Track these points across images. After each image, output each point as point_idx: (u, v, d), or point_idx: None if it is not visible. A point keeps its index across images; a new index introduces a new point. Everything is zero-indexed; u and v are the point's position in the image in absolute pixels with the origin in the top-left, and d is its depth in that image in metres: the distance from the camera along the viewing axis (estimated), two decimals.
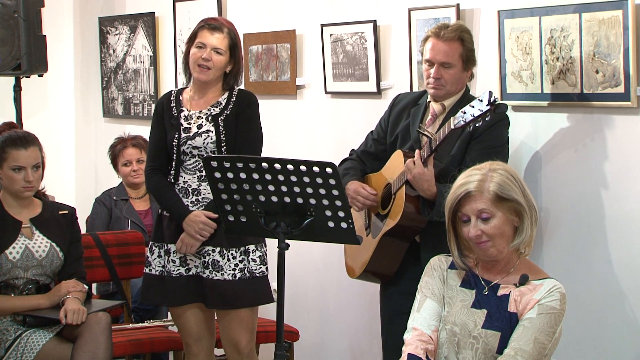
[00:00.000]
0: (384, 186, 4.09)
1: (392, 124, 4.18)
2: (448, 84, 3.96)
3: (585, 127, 3.93)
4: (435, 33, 3.96)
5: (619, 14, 3.71)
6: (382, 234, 4.01)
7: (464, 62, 3.95)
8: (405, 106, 4.16)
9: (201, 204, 4.12)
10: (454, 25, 4.00)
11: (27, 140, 4.27)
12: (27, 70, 5.76)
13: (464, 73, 3.98)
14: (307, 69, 5.29)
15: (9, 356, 4.09)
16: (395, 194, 3.98)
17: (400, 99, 4.24)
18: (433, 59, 3.95)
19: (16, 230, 4.25)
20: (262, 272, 4.15)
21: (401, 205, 3.90)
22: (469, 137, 3.86)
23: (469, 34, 3.99)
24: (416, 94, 4.21)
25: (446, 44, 3.93)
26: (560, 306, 3.14)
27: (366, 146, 4.29)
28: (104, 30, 6.81)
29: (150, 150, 4.28)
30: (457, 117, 3.64)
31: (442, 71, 3.94)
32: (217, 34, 4.14)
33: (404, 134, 4.10)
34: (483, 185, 3.16)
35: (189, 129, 4.15)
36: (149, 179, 4.24)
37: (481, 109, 3.56)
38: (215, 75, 4.16)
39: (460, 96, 4.00)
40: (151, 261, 4.21)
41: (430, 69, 3.97)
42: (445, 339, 3.22)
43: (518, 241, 3.18)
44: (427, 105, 4.07)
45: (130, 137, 5.73)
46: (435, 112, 4.01)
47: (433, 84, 3.97)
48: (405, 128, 4.10)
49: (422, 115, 4.06)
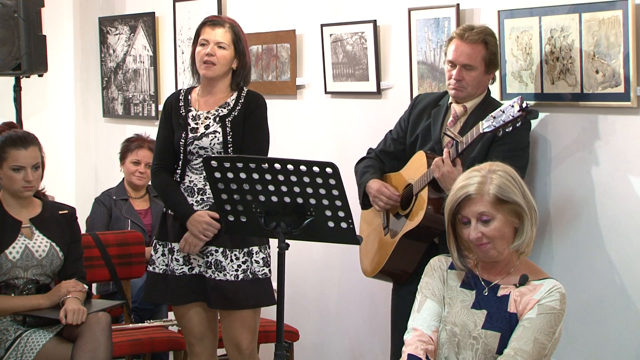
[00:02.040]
0: (405, 187, 4.08)
1: (412, 124, 4.18)
2: (469, 86, 3.95)
3: (585, 127, 3.93)
4: (459, 35, 3.95)
5: (619, 14, 3.71)
6: (401, 234, 4.01)
7: (486, 65, 3.95)
8: (426, 107, 4.15)
9: (206, 204, 4.12)
10: (479, 27, 3.98)
11: (27, 140, 4.27)
12: (27, 70, 5.76)
13: (486, 76, 3.98)
14: (307, 69, 5.29)
15: (9, 356, 4.09)
16: (417, 195, 3.97)
17: (420, 99, 4.24)
18: (455, 61, 3.95)
19: (16, 230, 4.25)
20: (264, 273, 4.15)
21: (423, 206, 3.89)
22: (490, 140, 3.85)
23: (493, 37, 3.98)
24: (437, 95, 4.20)
25: (469, 46, 3.92)
26: (560, 306, 3.14)
27: (385, 145, 4.28)
28: (104, 30, 6.81)
29: (158, 148, 4.27)
30: (487, 121, 3.63)
31: (464, 73, 3.94)
32: (219, 29, 4.14)
33: (424, 135, 4.10)
34: (483, 187, 3.15)
35: (197, 129, 4.15)
36: (155, 177, 4.23)
37: (512, 114, 3.56)
38: (221, 71, 4.15)
39: (482, 99, 3.99)
40: (155, 259, 4.21)
41: (452, 70, 3.97)
42: (445, 340, 3.22)
43: (518, 242, 3.18)
44: (448, 106, 4.06)
45: (149, 140, 5.70)
46: (457, 113, 4.01)
47: (454, 85, 3.97)
48: (426, 129, 4.10)
49: (444, 116, 4.06)
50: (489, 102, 3.99)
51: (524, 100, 3.56)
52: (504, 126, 3.59)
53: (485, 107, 3.93)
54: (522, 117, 3.56)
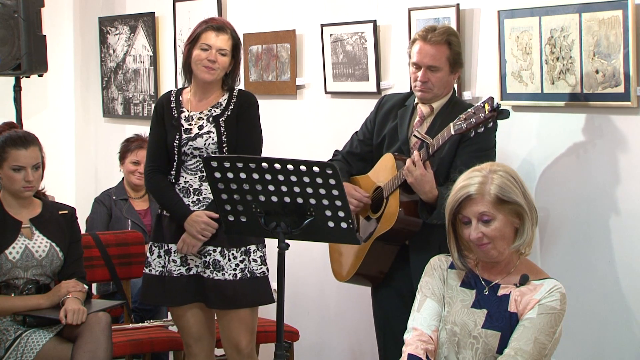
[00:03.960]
0: (374, 190, 4.07)
1: (378, 125, 4.16)
2: (435, 87, 3.95)
3: (585, 127, 3.93)
4: (422, 36, 3.95)
5: (619, 14, 3.71)
6: (374, 238, 4.00)
7: (451, 65, 3.94)
8: (392, 107, 4.14)
9: (202, 204, 4.12)
10: (442, 28, 3.97)
11: (27, 140, 4.27)
12: (27, 70, 5.76)
13: (451, 76, 3.98)
14: (307, 69, 5.29)
15: (9, 356, 4.09)
16: (387, 198, 3.96)
17: (386, 100, 4.22)
18: (420, 62, 3.94)
19: (16, 230, 4.25)
20: (262, 272, 4.15)
21: (395, 210, 3.88)
22: (458, 140, 3.83)
23: (456, 37, 3.98)
24: (403, 95, 4.18)
25: (433, 47, 3.92)
26: (560, 306, 3.14)
27: (351, 147, 4.26)
28: (104, 30, 6.81)
29: (150, 150, 4.27)
30: (457, 122, 3.62)
31: (429, 74, 3.93)
32: (222, 36, 4.14)
33: (391, 136, 4.08)
34: (484, 187, 3.15)
35: (190, 129, 4.15)
36: (149, 179, 4.22)
37: (484, 115, 3.56)
38: (219, 76, 4.16)
39: (448, 98, 4.00)
40: (151, 261, 4.21)
41: (417, 72, 3.96)
42: (445, 339, 3.22)
43: (519, 242, 3.18)
44: (414, 106, 4.06)
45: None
46: (424, 113, 4.00)
47: (420, 87, 3.96)
48: (393, 130, 4.08)
49: (410, 117, 4.05)
50: (455, 101, 3.99)
51: (495, 100, 3.56)
52: (475, 126, 3.59)
53: (451, 107, 3.94)
54: (493, 117, 3.55)
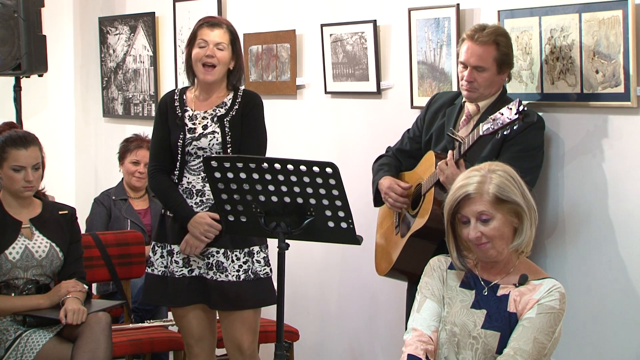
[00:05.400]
0: (416, 185, 4.10)
1: (427, 122, 4.19)
2: (481, 87, 3.95)
3: (585, 127, 3.93)
4: (470, 36, 3.94)
5: (619, 14, 3.71)
6: (410, 234, 4.02)
7: (498, 65, 3.92)
8: (442, 105, 4.16)
9: (205, 205, 4.11)
10: (490, 28, 3.95)
11: (27, 140, 4.27)
12: (27, 70, 5.76)
13: (498, 76, 3.95)
14: (307, 69, 5.29)
15: (9, 356, 4.09)
16: (424, 195, 3.98)
17: (437, 98, 4.25)
18: (467, 62, 3.94)
19: (16, 230, 4.25)
20: (266, 273, 4.15)
21: (429, 207, 3.90)
22: (502, 140, 3.83)
23: (505, 37, 3.95)
24: (453, 94, 4.20)
25: (480, 47, 3.90)
26: (559, 306, 3.14)
27: (402, 144, 4.30)
28: (104, 30, 6.81)
29: (154, 149, 4.25)
30: (486, 123, 3.63)
31: (476, 74, 3.93)
32: (217, 30, 4.13)
33: (438, 134, 4.11)
34: (482, 187, 3.16)
35: (194, 129, 4.13)
36: (153, 178, 4.21)
37: (510, 117, 3.56)
38: (221, 73, 4.13)
39: (495, 98, 3.98)
40: (153, 261, 4.20)
41: (464, 71, 3.96)
42: (445, 340, 3.22)
43: (518, 242, 3.18)
44: (462, 105, 4.07)
45: (148, 140, 5.66)
46: (470, 112, 4.01)
47: (466, 86, 3.96)
48: (440, 128, 4.11)
49: (457, 115, 4.06)
50: (503, 100, 3.95)
51: (522, 102, 3.56)
52: (501, 129, 3.59)
53: (499, 107, 3.90)
54: (518, 120, 3.56)
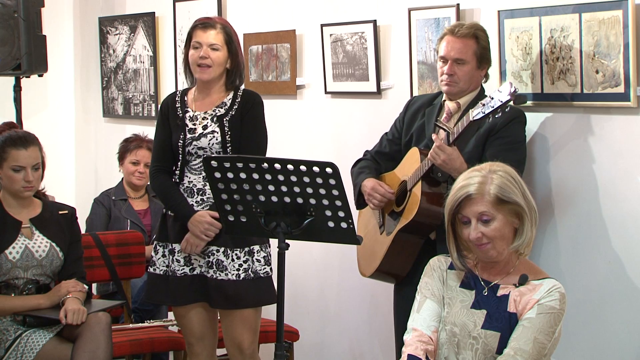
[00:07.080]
0: (399, 184, 4.10)
1: (407, 124, 4.20)
2: (461, 80, 3.97)
3: (585, 127, 3.93)
4: (450, 30, 3.99)
5: (619, 14, 3.71)
6: (396, 230, 4.01)
7: (478, 59, 3.97)
8: (421, 106, 4.18)
9: (206, 204, 4.12)
10: (470, 23, 4.03)
11: (27, 140, 4.27)
12: (27, 70, 5.76)
13: (478, 71, 4.00)
14: (307, 69, 5.29)
15: (9, 356, 4.09)
16: (410, 190, 3.98)
17: (415, 100, 4.27)
18: (447, 55, 3.97)
19: (16, 230, 4.25)
20: (266, 272, 4.15)
21: (417, 200, 3.90)
22: (486, 134, 3.87)
23: (484, 33, 4.01)
24: (431, 95, 4.23)
25: (460, 40, 3.95)
26: (559, 306, 3.14)
27: (380, 147, 4.31)
28: (104, 30, 6.81)
29: (155, 150, 4.28)
30: (476, 109, 3.65)
31: (456, 68, 3.96)
32: (210, 31, 4.16)
33: (418, 133, 4.12)
34: (484, 187, 3.15)
35: (194, 129, 4.15)
36: (154, 179, 4.24)
37: (501, 99, 3.57)
38: (216, 73, 4.16)
39: (475, 95, 4.01)
40: (155, 261, 4.21)
41: (444, 65, 3.99)
42: (445, 340, 3.22)
43: (518, 243, 3.18)
44: (442, 104, 4.09)
45: (147, 139, 5.68)
46: (450, 110, 4.03)
47: (446, 80, 3.99)
48: (420, 127, 4.12)
49: (437, 114, 4.08)
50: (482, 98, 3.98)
51: (513, 85, 3.57)
52: (493, 112, 3.61)
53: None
54: (510, 101, 3.57)
